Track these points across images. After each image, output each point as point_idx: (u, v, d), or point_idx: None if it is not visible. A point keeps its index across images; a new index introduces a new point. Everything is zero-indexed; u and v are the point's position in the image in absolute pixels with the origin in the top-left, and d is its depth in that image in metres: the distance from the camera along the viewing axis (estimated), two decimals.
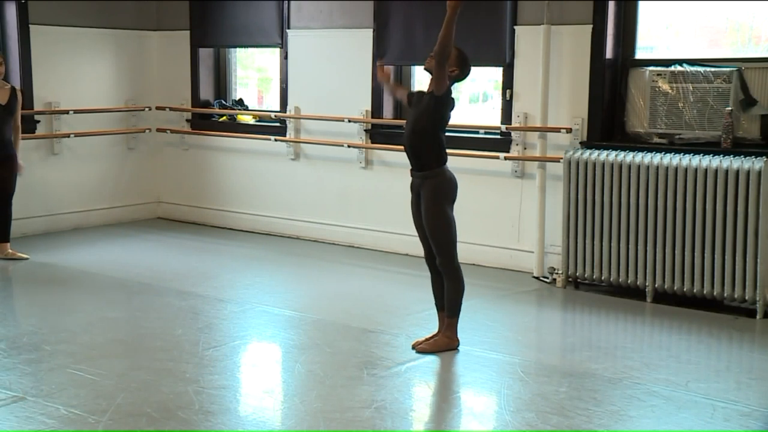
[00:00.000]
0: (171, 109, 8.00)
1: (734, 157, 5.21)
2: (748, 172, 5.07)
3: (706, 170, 5.20)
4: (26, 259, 6.42)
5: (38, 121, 7.30)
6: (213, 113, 7.92)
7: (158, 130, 8.11)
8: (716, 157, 5.25)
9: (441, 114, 4.35)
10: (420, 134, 4.37)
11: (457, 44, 4.43)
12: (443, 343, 4.43)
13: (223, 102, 7.96)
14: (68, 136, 7.46)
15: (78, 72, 7.58)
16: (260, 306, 5.31)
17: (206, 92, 7.99)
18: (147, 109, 8.04)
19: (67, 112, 7.42)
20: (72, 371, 4.09)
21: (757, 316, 5.11)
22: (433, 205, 4.34)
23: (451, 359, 4.40)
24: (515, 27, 6.14)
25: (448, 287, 4.41)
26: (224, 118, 7.87)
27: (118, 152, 7.96)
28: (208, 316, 5.09)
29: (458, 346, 4.45)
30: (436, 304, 4.56)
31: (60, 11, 7.37)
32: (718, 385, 4.08)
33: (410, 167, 4.48)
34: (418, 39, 6.59)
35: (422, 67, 4.56)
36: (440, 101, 4.31)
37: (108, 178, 7.89)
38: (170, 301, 5.39)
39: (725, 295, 5.20)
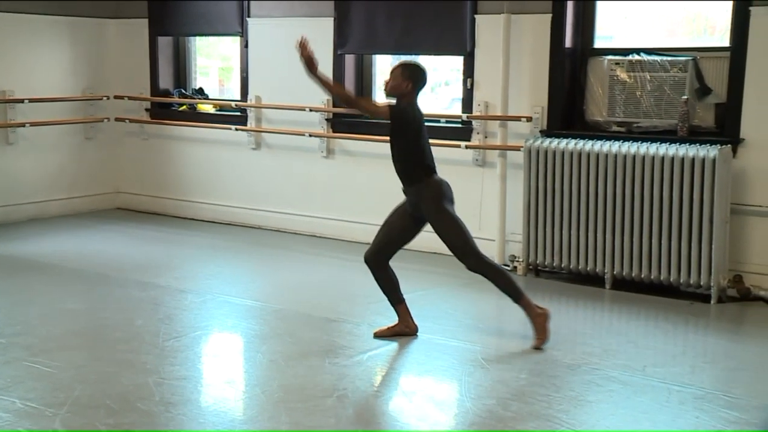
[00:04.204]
0: (130, 98, 7.90)
1: (690, 145, 5.29)
2: (703, 160, 5.16)
3: (663, 158, 5.28)
4: None
5: None
6: (173, 102, 7.84)
7: (117, 119, 8.00)
8: (673, 145, 5.33)
9: (408, 131, 4.33)
10: (400, 153, 4.36)
11: (418, 34, 4.44)
12: (539, 325, 4.38)
13: (183, 91, 7.88)
14: (23, 126, 7.33)
15: (33, 60, 7.45)
16: (221, 296, 5.29)
17: (165, 81, 7.90)
18: (105, 98, 7.93)
19: (22, 101, 7.28)
20: (28, 364, 4.03)
21: (712, 302, 5.21)
22: (438, 211, 4.34)
23: (413, 347, 4.42)
24: (476, 16, 6.16)
25: (493, 281, 4.38)
26: (184, 107, 7.80)
27: (76, 142, 7.84)
28: (168, 306, 5.05)
29: (548, 313, 4.42)
30: (390, 300, 4.55)
31: None
32: (674, 369, 4.15)
33: (402, 187, 4.45)
34: (380, 28, 6.59)
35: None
36: (399, 123, 4.31)
37: (66, 168, 7.77)
38: (130, 292, 5.34)
39: (681, 281, 5.29)
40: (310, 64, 4.28)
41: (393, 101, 4.36)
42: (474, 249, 4.34)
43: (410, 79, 4.34)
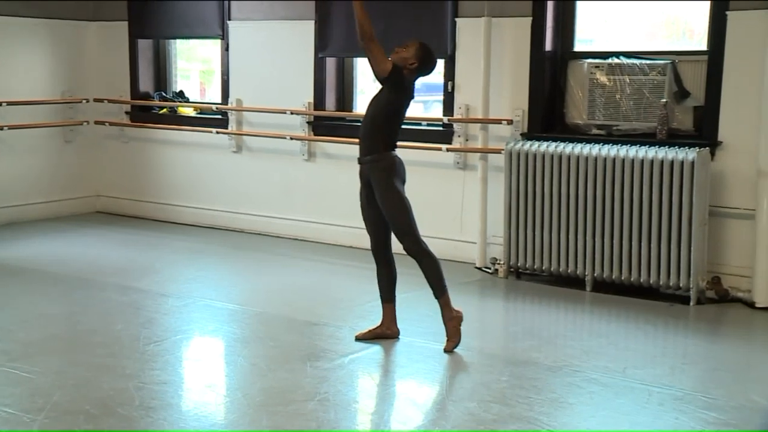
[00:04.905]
0: (109, 101, 7.85)
1: (669, 147, 5.33)
2: (682, 163, 5.20)
3: (642, 161, 5.31)
4: None
5: None
6: (153, 105, 7.80)
7: (96, 122, 7.95)
8: (652, 147, 5.37)
9: (393, 100, 4.34)
10: (373, 118, 4.38)
11: (399, 37, 4.47)
12: (452, 327, 4.38)
13: (164, 94, 7.84)
14: (1, 129, 7.26)
15: (11, 63, 7.38)
16: (203, 300, 5.27)
17: (146, 84, 7.86)
18: (84, 101, 7.87)
19: (0, 104, 7.22)
20: (6, 369, 3.99)
21: (691, 303, 5.25)
22: (387, 187, 4.34)
23: (394, 350, 4.43)
24: (456, 19, 6.18)
25: (425, 268, 4.38)
26: (165, 110, 7.76)
27: (55, 145, 7.78)
28: (149, 310, 5.02)
29: (462, 316, 4.41)
30: (381, 296, 4.56)
31: None
32: (654, 370, 4.18)
33: (358, 156, 4.46)
34: None
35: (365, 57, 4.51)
36: (390, 86, 4.31)
37: (45, 171, 7.71)
38: (110, 296, 5.30)
39: (661, 283, 5.33)
40: None
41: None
42: (414, 232, 4.36)
43: (419, 60, 4.37)
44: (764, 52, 5.08)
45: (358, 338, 4.51)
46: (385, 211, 4.36)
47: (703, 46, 5.57)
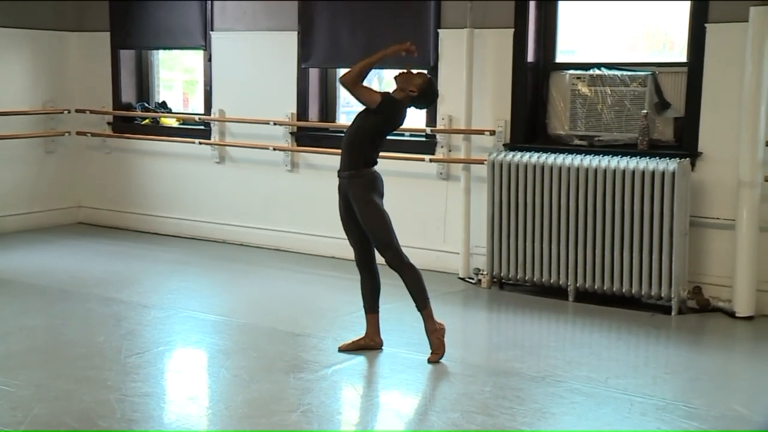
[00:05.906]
0: (91, 111, 7.82)
1: (650, 158, 5.37)
2: (663, 173, 5.24)
3: (623, 171, 5.35)
4: None
5: None
6: (135, 116, 7.78)
7: (78, 133, 7.91)
8: (633, 158, 5.41)
9: (380, 123, 4.39)
10: (357, 133, 4.41)
11: (382, 47, 4.49)
12: (436, 339, 4.38)
13: (146, 105, 7.81)
14: None
15: None
16: (185, 311, 5.24)
17: (128, 95, 7.84)
18: (66, 111, 7.83)
19: None
20: None
21: (672, 313, 5.28)
22: (366, 201, 4.36)
23: (378, 361, 4.42)
24: (439, 30, 6.21)
25: (407, 281, 4.39)
26: (147, 121, 7.74)
27: (37, 156, 7.74)
28: (131, 322, 5.00)
29: (444, 328, 4.43)
30: (365, 307, 4.56)
31: None
32: (636, 380, 4.20)
33: (338, 168, 4.48)
34: (344, 42, 6.60)
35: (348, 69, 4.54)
36: (383, 104, 4.35)
37: (26, 182, 7.66)
38: (92, 307, 5.27)
39: (642, 293, 5.36)
40: (395, 51, 4.42)
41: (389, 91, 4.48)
42: (395, 245, 4.38)
43: (420, 91, 4.44)
44: (743, 64, 5.14)
45: (342, 349, 4.51)
46: (365, 225, 4.38)
47: (683, 57, 5.62)
